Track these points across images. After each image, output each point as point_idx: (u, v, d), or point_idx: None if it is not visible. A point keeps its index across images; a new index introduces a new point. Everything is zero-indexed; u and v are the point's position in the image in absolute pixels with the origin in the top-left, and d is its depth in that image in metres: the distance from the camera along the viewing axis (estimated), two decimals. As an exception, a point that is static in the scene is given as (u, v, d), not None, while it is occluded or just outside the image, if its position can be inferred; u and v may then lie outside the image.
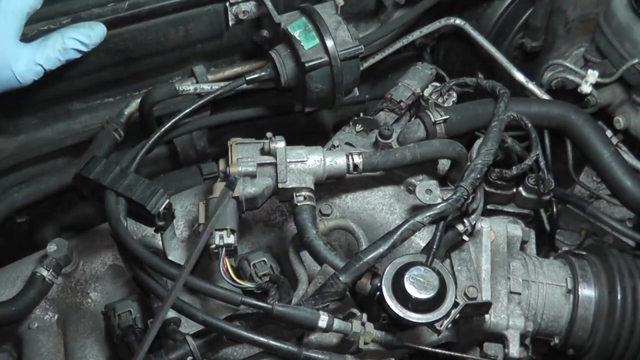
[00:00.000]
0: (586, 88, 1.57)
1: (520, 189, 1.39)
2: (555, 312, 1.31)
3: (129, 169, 1.20)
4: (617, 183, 1.41)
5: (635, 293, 1.28)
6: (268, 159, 1.23)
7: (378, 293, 1.11)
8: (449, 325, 1.09)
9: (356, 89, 1.41)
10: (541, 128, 1.48)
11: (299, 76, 1.34)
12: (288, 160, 1.23)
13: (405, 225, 1.15)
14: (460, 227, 1.24)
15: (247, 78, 1.35)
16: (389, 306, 1.07)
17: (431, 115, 1.39)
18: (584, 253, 1.39)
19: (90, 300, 1.33)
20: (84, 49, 1.29)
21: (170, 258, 1.24)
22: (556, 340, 1.33)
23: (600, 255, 1.36)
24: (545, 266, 1.34)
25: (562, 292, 1.31)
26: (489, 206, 1.39)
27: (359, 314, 1.13)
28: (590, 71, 1.57)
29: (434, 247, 1.14)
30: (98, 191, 1.16)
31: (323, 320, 1.08)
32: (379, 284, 1.11)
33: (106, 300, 1.31)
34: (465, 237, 1.25)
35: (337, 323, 1.09)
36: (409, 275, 1.08)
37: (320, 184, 1.28)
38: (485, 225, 1.29)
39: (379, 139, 1.36)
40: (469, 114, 1.42)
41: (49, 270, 1.27)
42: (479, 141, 1.32)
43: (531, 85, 1.60)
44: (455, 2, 1.79)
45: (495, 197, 1.39)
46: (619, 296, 1.28)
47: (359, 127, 1.47)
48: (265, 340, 1.06)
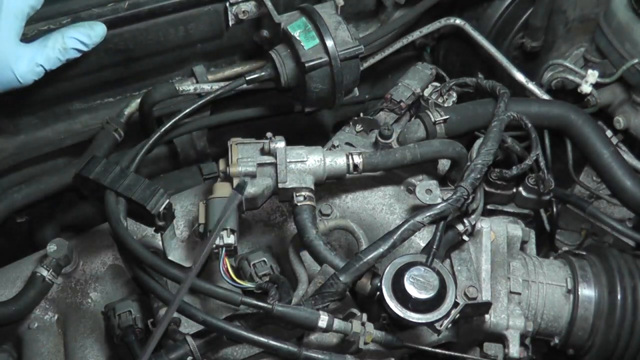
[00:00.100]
0: (586, 88, 1.57)
1: (520, 189, 1.39)
2: (555, 312, 1.31)
3: (129, 169, 1.20)
4: (617, 183, 1.41)
5: (635, 293, 1.28)
6: (268, 159, 1.23)
7: (378, 293, 1.11)
8: (449, 325, 1.09)
9: (356, 89, 1.41)
10: (541, 128, 1.48)
11: (299, 76, 1.34)
12: (288, 160, 1.23)
13: (405, 225, 1.15)
14: (460, 227, 1.24)
15: (247, 78, 1.35)
16: (389, 306, 1.07)
17: (431, 115, 1.39)
18: (584, 253, 1.39)
19: (90, 300, 1.33)
20: (84, 48, 1.29)
21: (170, 258, 1.24)
22: (556, 340, 1.33)
23: (600, 255, 1.36)
24: (545, 266, 1.34)
25: (562, 292, 1.31)
26: (489, 206, 1.39)
27: (359, 314, 1.13)
28: (590, 71, 1.57)
29: (434, 247, 1.14)
30: (98, 191, 1.16)
31: (323, 320, 1.08)
32: (379, 284, 1.11)
33: (106, 300, 1.31)
34: (465, 237, 1.25)
35: (337, 323, 1.09)
36: (409, 275, 1.08)
37: (320, 184, 1.28)
38: (485, 225, 1.29)
39: (379, 139, 1.36)
40: (469, 114, 1.42)
41: (49, 270, 1.27)
42: (479, 141, 1.32)
43: (531, 85, 1.60)
44: (455, 2, 1.79)
45: (495, 197, 1.39)
46: (619, 296, 1.28)
47: (359, 127, 1.47)
48: (265, 340, 1.06)
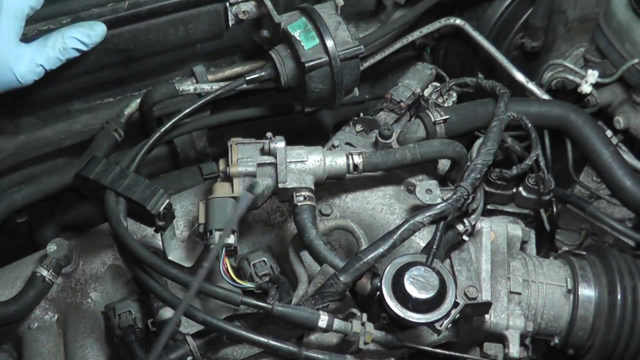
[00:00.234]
0: (586, 88, 1.57)
1: (520, 189, 1.39)
2: (555, 312, 1.31)
3: (129, 169, 1.20)
4: (617, 183, 1.41)
5: (635, 293, 1.28)
6: (268, 159, 1.23)
7: (378, 293, 1.11)
8: (449, 325, 1.09)
9: (356, 89, 1.41)
10: (541, 128, 1.48)
11: (299, 76, 1.34)
12: (288, 160, 1.23)
13: (405, 225, 1.15)
14: (460, 227, 1.24)
15: (247, 78, 1.35)
16: (389, 306, 1.07)
17: (431, 115, 1.39)
18: (584, 253, 1.39)
19: (90, 300, 1.33)
20: (84, 48, 1.29)
21: (170, 258, 1.24)
22: (556, 340, 1.33)
23: (600, 255, 1.36)
24: (545, 266, 1.34)
25: (562, 292, 1.31)
26: (489, 206, 1.39)
27: (359, 314, 1.13)
28: (590, 71, 1.57)
29: (434, 247, 1.14)
30: (98, 191, 1.16)
31: (323, 320, 1.08)
32: (379, 284, 1.11)
33: (106, 300, 1.31)
34: (465, 237, 1.25)
35: (337, 323, 1.09)
36: (409, 275, 1.08)
37: (320, 184, 1.28)
38: (485, 225, 1.29)
39: (379, 139, 1.36)
40: (469, 114, 1.42)
41: (49, 270, 1.27)
42: (479, 141, 1.32)
43: (531, 85, 1.60)
44: (455, 2, 1.79)
45: (495, 197, 1.39)
46: (619, 296, 1.28)
47: (359, 127, 1.47)
48: (265, 340, 1.06)
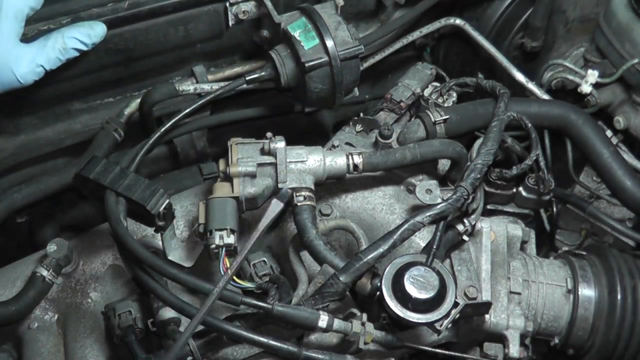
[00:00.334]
0: (586, 88, 1.57)
1: (520, 189, 1.39)
2: (555, 312, 1.31)
3: (129, 169, 1.20)
4: (617, 183, 1.41)
5: (635, 293, 1.28)
6: (268, 159, 1.23)
7: (378, 293, 1.11)
8: (449, 325, 1.09)
9: (356, 89, 1.41)
10: (541, 128, 1.48)
11: (299, 76, 1.34)
12: (288, 160, 1.23)
13: (405, 225, 1.15)
14: (460, 227, 1.24)
15: (247, 78, 1.35)
16: (389, 306, 1.07)
17: (431, 115, 1.39)
18: (584, 253, 1.39)
19: (90, 300, 1.33)
20: (84, 48, 1.29)
21: (170, 258, 1.24)
22: (556, 340, 1.33)
23: (600, 255, 1.36)
24: (545, 266, 1.34)
25: (562, 292, 1.31)
26: (489, 206, 1.39)
27: (359, 314, 1.13)
28: (590, 71, 1.57)
29: (434, 247, 1.14)
30: (98, 191, 1.16)
31: (323, 320, 1.08)
32: (379, 284, 1.11)
33: (106, 300, 1.31)
34: (465, 237, 1.25)
35: (337, 323, 1.09)
36: (409, 275, 1.08)
37: (320, 184, 1.28)
38: (485, 225, 1.29)
39: (379, 139, 1.36)
40: (469, 114, 1.42)
41: (49, 270, 1.27)
42: (479, 141, 1.32)
43: (531, 85, 1.60)
44: (455, 2, 1.79)
45: (495, 197, 1.39)
46: (619, 296, 1.28)
47: (359, 127, 1.47)
48: (265, 340, 1.06)
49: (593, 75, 1.56)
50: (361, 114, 1.50)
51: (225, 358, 1.20)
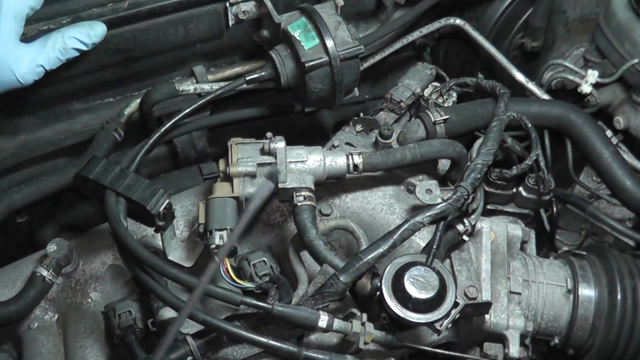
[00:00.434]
0: (586, 88, 1.57)
1: (520, 189, 1.39)
2: (555, 312, 1.31)
3: (129, 169, 1.20)
4: (617, 183, 1.41)
5: (635, 293, 1.28)
6: (268, 159, 1.23)
7: (378, 293, 1.11)
8: (449, 325, 1.09)
9: (356, 89, 1.41)
10: (541, 128, 1.48)
11: (299, 76, 1.34)
12: (288, 160, 1.24)
13: (405, 225, 1.15)
14: (460, 227, 1.24)
15: (247, 78, 1.35)
16: (389, 306, 1.07)
17: (431, 115, 1.39)
18: (584, 253, 1.39)
19: (90, 300, 1.33)
20: (84, 48, 1.29)
21: (170, 258, 1.24)
22: (556, 340, 1.33)
23: (600, 255, 1.36)
24: (545, 266, 1.34)
25: (562, 292, 1.31)
26: (489, 206, 1.39)
27: (359, 314, 1.13)
28: (590, 71, 1.57)
29: (434, 247, 1.14)
30: (98, 191, 1.16)
31: (323, 320, 1.08)
32: (379, 284, 1.11)
33: (106, 300, 1.31)
34: (465, 237, 1.25)
35: (337, 323, 1.09)
36: (409, 275, 1.08)
37: (320, 184, 1.28)
38: (485, 225, 1.29)
39: (379, 139, 1.36)
40: (469, 114, 1.42)
41: (49, 270, 1.27)
42: (479, 141, 1.32)
43: (531, 85, 1.60)
44: (455, 2, 1.79)
45: (495, 197, 1.39)
46: (619, 296, 1.28)
47: (359, 127, 1.47)
48: (265, 340, 1.06)
49: (593, 75, 1.56)
50: (361, 114, 1.50)
51: (225, 358, 1.19)
